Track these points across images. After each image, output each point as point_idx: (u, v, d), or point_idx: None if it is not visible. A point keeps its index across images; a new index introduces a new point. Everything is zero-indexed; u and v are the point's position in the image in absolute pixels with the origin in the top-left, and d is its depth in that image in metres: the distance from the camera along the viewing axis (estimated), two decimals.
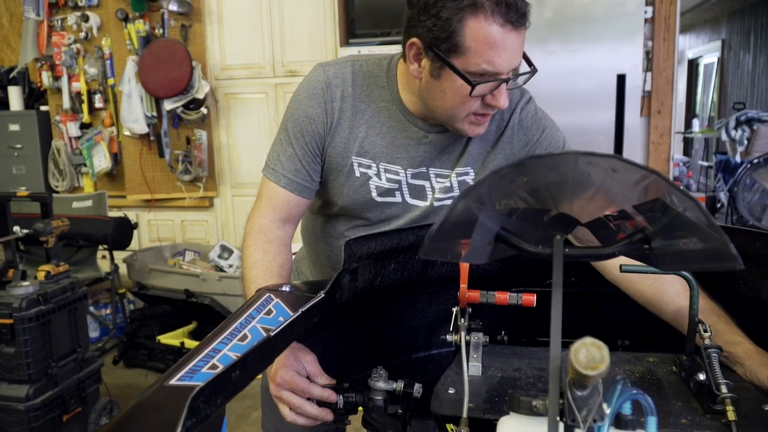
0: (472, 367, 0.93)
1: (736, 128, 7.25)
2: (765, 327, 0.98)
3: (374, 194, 1.27)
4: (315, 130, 1.24)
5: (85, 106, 4.51)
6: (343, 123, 1.24)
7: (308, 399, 0.98)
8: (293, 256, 1.58)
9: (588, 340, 0.48)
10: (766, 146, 6.67)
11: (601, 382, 0.53)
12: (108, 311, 4.05)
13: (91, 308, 3.99)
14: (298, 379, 0.98)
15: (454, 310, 0.97)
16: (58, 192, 4.59)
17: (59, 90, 4.53)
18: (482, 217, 0.65)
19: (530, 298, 0.96)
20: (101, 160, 4.51)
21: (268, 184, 1.28)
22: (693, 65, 10.67)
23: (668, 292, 1.04)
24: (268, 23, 4.19)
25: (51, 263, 2.62)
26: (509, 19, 1.04)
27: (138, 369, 3.67)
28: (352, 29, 4.14)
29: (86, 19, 4.37)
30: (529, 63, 1.14)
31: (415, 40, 1.12)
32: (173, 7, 4.17)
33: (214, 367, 0.73)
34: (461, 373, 0.88)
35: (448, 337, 0.95)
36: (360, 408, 1.00)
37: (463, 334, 0.93)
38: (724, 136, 7.50)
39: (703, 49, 10.12)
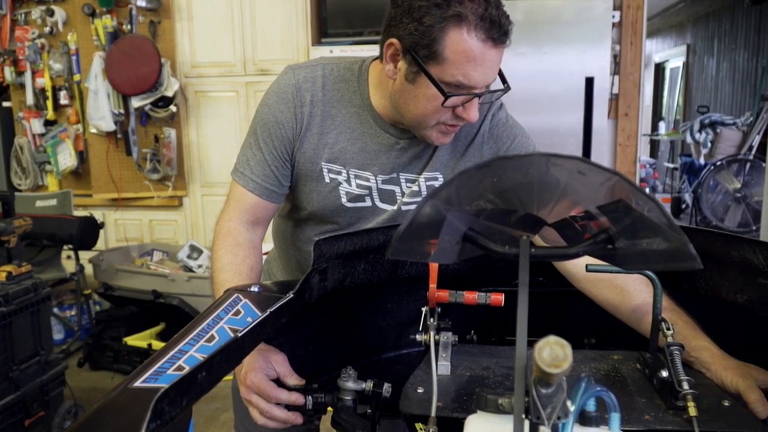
0: (441, 366, 0.93)
1: (700, 131, 7.43)
2: (725, 324, 1.01)
3: (344, 200, 1.26)
4: (284, 134, 1.23)
5: (49, 103, 4.42)
6: (313, 128, 1.23)
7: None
8: (265, 257, 1.58)
9: (552, 339, 0.48)
10: (728, 149, 6.85)
11: (565, 379, 0.54)
12: (73, 313, 3.97)
13: (55, 310, 3.90)
14: (266, 385, 0.97)
15: (424, 309, 0.97)
16: (21, 190, 4.48)
17: (22, 86, 4.43)
18: (450, 217, 0.65)
19: (498, 298, 0.97)
20: (66, 158, 4.43)
21: (236, 188, 1.27)
22: (660, 69, 10.89)
23: (629, 295, 1.06)
24: (239, 21, 4.16)
25: (13, 263, 2.55)
26: (491, 36, 1.03)
27: (104, 371, 3.61)
28: (324, 28, 4.13)
29: (51, 13, 4.28)
30: (504, 80, 1.15)
31: (394, 40, 1.10)
32: (142, 2, 4.11)
33: (180, 368, 0.72)
34: (430, 373, 0.88)
35: (418, 337, 0.96)
36: (329, 408, 1.00)
37: (432, 333, 0.94)
38: (688, 139, 7.68)
39: (669, 54, 10.33)
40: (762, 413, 0.82)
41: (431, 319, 0.95)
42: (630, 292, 1.06)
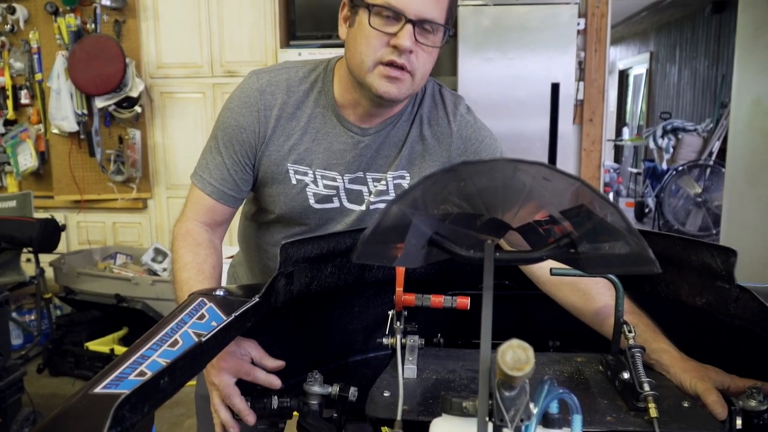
0: (408, 369, 0.93)
1: (662, 137, 7.60)
2: (685, 326, 1.03)
3: (312, 201, 1.26)
4: (246, 139, 1.23)
5: (9, 102, 4.31)
6: (278, 131, 1.23)
7: (249, 396, 0.98)
8: (230, 260, 1.56)
9: (514, 342, 0.49)
10: (689, 154, 7.02)
11: (528, 382, 0.54)
12: (32, 317, 3.87)
13: (14, 314, 3.80)
14: (243, 363, 0.98)
15: (390, 313, 0.97)
16: None
17: None
18: (416, 221, 0.65)
19: (464, 301, 0.98)
20: (27, 159, 4.32)
21: (194, 191, 1.27)
22: (623, 76, 11.11)
23: (592, 298, 1.08)
24: (206, 21, 4.11)
25: None
26: None
27: (64, 377, 3.52)
28: (292, 31, 4.11)
29: (12, 11, 4.18)
30: (447, 24, 1.15)
31: (345, 0, 1.16)
32: (106, 1, 4.04)
33: (142, 374, 0.70)
34: (396, 376, 0.89)
35: (384, 341, 0.96)
36: (295, 413, 1.00)
37: (398, 337, 0.94)
38: (651, 144, 7.85)
39: (633, 61, 10.55)
40: (721, 414, 0.84)
41: (398, 323, 0.95)
42: (593, 296, 1.08)
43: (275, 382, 0.98)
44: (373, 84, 1.14)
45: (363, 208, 1.28)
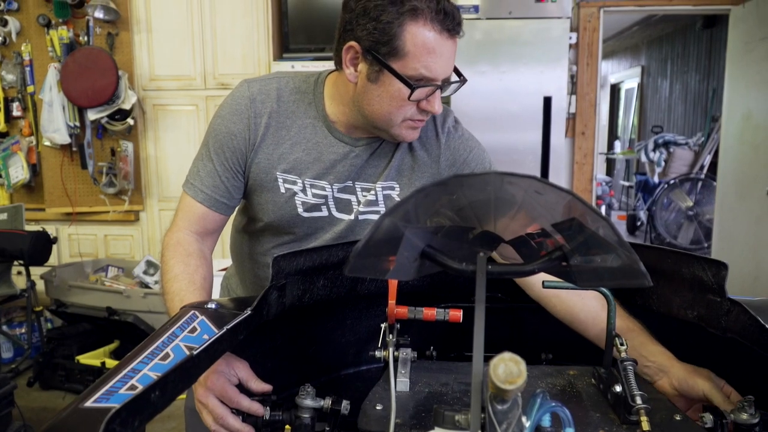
0: (400, 383, 0.93)
1: (654, 150, 7.65)
2: (677, 340, 1.03)
3: (300, 210, 1.27)
4: (236, 146, 1.23)
5: (1, 114, 4.30)
6: (268, 139, 1.24)
7: (234, 411, 0.96)
8: (223, 273, 1.56)
9: (506, 355, 0.49)
10: (681, 168, 7.07)
11: (520, 395, 0.54)
12: (23, 330, 3.84)
13: (5, 327, 3.78)
14: (228, 388, 0.96)
15: (383, 326, 0.97)
16: None
17: None
18: (408, 233, 0.65)
19: (457, 314, 0.97)
20: (18, 171, 4.30)
21: (186, 199, 1.27)
22: (615, 90, 11.19)
23: (587, 310, 1.08)
24: (199, 34, 4.13)
25: None
26: (446, 27, 1.09)
27: (55, 391, 3.49)
28: (285, 43, 4.13)
29: (5, 23, 4.18)
30: (459, 74, 1.19)
31: (353, 43, 1.13)
32: (99, 14, 4.04)
33: (132, 387, 0.70)
34: (389, 389, 0.88)
35: (377, 353, 0.95)
36: (287, 426, 0.99)
37: (391, 350, 0.94)
38: (643, 158, 7.89)
39: (625, 75, 10.63)
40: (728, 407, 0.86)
41: (390, 336, 0.95)
42: (599, 312, 1.07)
43: (258, 410, 0.97)
44: (399, 134, 1.20)
45: (351, 217, 1.29)
